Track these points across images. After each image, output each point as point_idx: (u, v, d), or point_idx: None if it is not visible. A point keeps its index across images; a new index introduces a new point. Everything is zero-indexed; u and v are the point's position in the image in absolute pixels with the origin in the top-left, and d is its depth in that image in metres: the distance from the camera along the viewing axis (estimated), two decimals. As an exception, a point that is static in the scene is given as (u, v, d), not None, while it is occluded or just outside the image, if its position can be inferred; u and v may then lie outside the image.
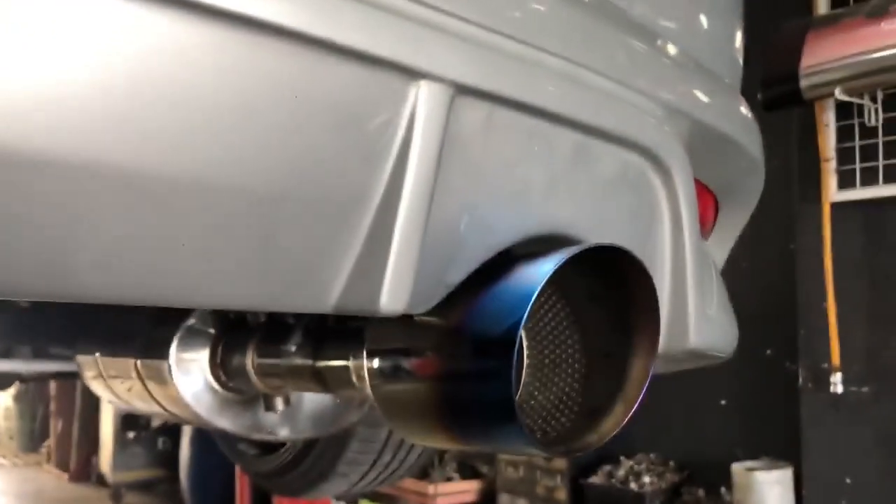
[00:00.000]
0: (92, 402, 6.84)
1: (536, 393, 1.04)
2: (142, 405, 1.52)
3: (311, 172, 0.72)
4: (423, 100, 0.76)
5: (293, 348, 1.23)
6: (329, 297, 0.79)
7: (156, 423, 6.12)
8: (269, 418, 1.45)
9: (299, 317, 1.30)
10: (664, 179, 1.04)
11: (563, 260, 0.84)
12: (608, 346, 1.00)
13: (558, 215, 0.93)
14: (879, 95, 3.55)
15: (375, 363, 0.99)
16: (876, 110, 3.55)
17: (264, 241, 0.73)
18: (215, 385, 1.40)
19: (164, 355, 1.38)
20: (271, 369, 1.28)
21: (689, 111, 1.07)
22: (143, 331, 1.47)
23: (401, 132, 0.76)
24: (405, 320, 0.99)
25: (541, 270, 0.84)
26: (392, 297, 0.78)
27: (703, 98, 1.12)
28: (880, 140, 3.56)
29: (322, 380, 1.18)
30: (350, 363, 1.10)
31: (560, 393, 1.01)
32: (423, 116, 0.76)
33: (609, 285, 0.97)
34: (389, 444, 2.32)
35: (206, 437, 5.17)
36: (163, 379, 1.39)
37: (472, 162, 0.83)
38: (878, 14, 3.45)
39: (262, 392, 1.35)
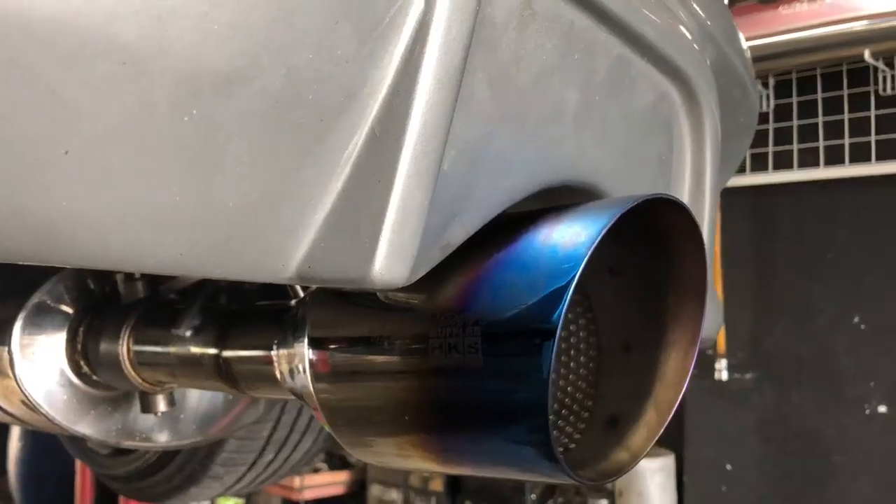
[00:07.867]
0: None
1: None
2: (-29, 405, 1.16)
3: (281, 49, 0.44)
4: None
5: (188, 333, 0.92)
6: (291, 258, 0.51)
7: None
8: (145, 422, 1.13)
9: (193, 291, 1.00)
10: (693, 120, 0.81)
11: (623, 211, 0.59)
12: (627, 336, 0.77)
13: (587, 155, 0.68)
14: (771, 81, 3.54)
15: (322, 355, 0.71)
16: (768, 96, 3.54)
17: (197, 155, 0.44)
18: (74, 379, 1.07)
19: (2, 340, 1.04)
20: (156, 358, 0.97)
21: (720, 38, 0.85)
22: (-27, 308, 1.12)
23: (418, 4, 0.49)
24: (362, 297, 0.72)
25: (591, 226, 0.59)
26: (390, 261, 0.51)
27: (725, 24, 0.90)
28: (770, 126, 3.55)
29: (230, 375, 0.88)
30: (274, 353, 0.82)
31: (562, 394, 0.77)
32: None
33: (635, 257, 0.74)
34: (272, 441, 2.01)
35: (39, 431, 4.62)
36: (1, 370, 1.05)
37: (501, 64, 0.56)
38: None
39: (139, 389, 1.03)
